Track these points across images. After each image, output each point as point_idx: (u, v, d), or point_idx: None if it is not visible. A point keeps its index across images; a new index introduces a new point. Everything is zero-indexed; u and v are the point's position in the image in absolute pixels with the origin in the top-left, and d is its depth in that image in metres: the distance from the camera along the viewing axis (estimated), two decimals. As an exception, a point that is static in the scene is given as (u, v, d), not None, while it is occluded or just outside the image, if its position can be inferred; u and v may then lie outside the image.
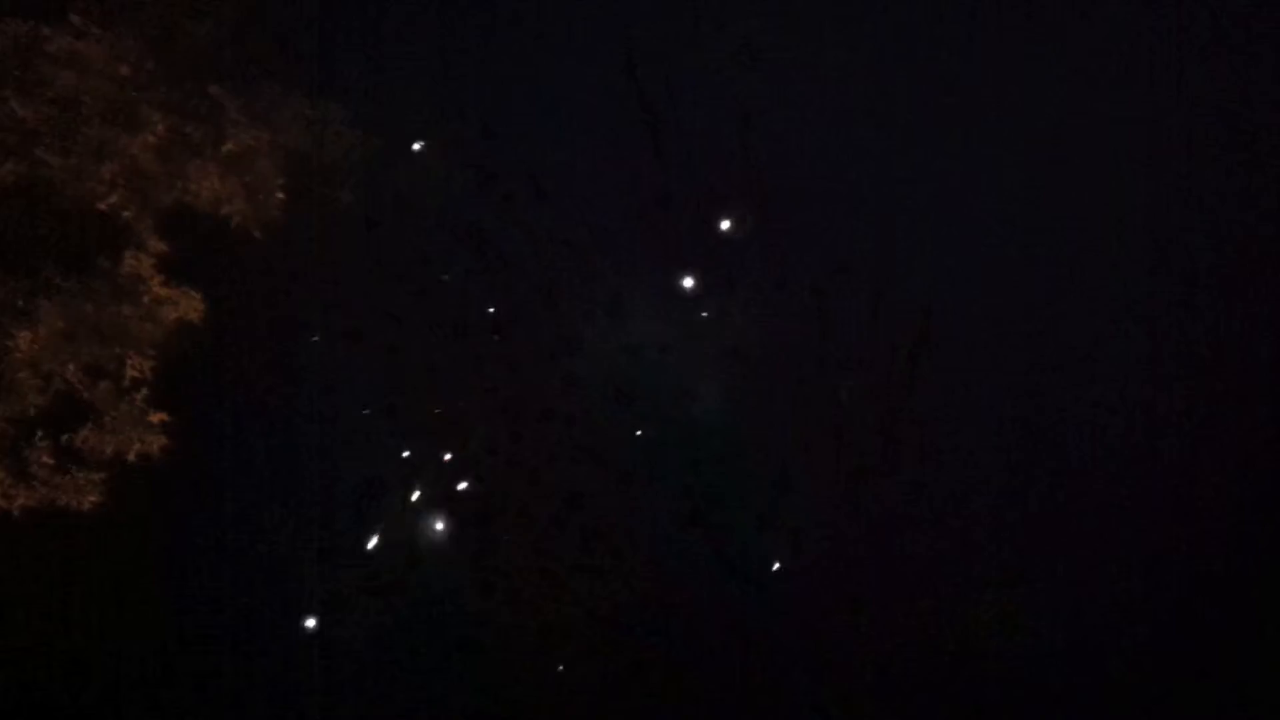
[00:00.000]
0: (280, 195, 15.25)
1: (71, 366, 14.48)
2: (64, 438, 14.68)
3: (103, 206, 14.51)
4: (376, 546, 18.16)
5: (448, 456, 18.37)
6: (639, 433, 18.52)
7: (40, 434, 14.46)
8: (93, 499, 14.74)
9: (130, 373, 14.74)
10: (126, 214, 14.60)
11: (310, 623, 17.55)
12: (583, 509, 18.46)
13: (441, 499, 18.33)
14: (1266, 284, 18.80)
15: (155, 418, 14.86)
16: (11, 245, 14.44)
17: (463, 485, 18.32)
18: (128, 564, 16.93)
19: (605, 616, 18.28)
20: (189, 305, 14.88)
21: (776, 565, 18.45)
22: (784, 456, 18.69)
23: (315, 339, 17.73)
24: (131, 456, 14.85)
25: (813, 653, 18.33)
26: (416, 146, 17.12)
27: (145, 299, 14.65)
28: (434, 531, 18.28)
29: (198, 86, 14.91)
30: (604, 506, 18.47)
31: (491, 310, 18.00)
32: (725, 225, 18.65)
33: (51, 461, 14.58)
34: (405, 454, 18.26)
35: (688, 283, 18.61)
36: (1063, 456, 18.69)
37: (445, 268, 18.33)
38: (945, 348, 18.73)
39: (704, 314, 18.57)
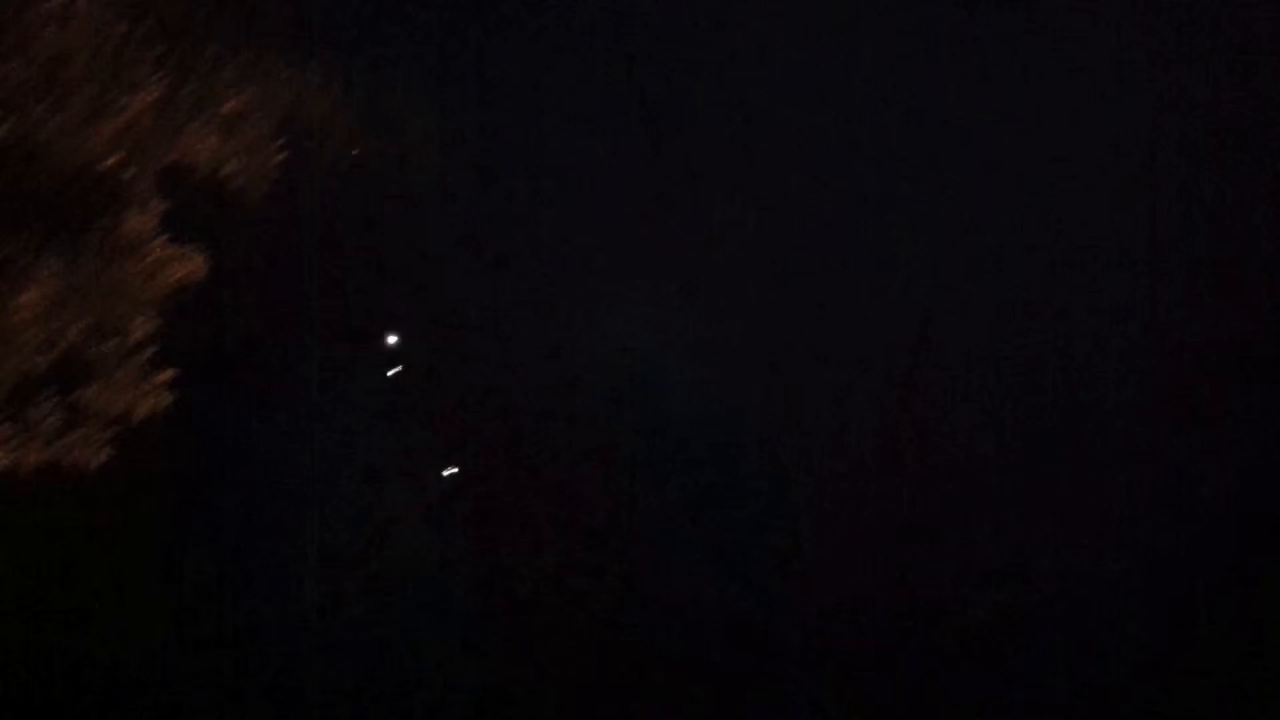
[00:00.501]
0: (279, 155, 15.22)
1: (75, 326, 14.46)
2: (70, 396, 14.66)
3: (102, 166, 14.48)
4: (376, 547, 18.18)
5: (447, 456, 18.40)
6: (639, 433, 18.52)
7: (45, 393, 14.45)
8: (99, 457, 14.71)
9: (134, 332, 14.72)
10: (126, 174, 14.56)
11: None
12: (583, 509, 18.46)
13: (442, 499, 18.34)
14: (1267, 284, 18.80)
15: (160, 377, 14.84)
16: (10, 205, 14.39)
17: (462, 484, 18.34)
18: (134, 528, 16.98)
19: (605, 616, 18.27)
20: (191, 265, 14.84)
21: (777, 565, 18.46)
22: (784, 456, 18.69)
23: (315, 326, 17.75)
24: (137, 415, 14.83)
25: (813, 653, 18.32)
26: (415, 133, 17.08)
27: (147, 259, 14.61)
28: (434, 531, 18.29)
29: (195, 45, 14.87)
30: (604, 506, 18.47)
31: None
32: (725, 225, 18.66)
33: (57, 420, 14.56)
34: (405, 454, 18.28)
35: (687, 283, 18.61)
36: (1063, 456, 18.68)
37: (445, 267, 18.35)
38: (945, 348, 18.74)
39: (703, 314, 18.56)
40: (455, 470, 18.03)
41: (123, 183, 14.63)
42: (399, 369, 18.13)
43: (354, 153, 16.81)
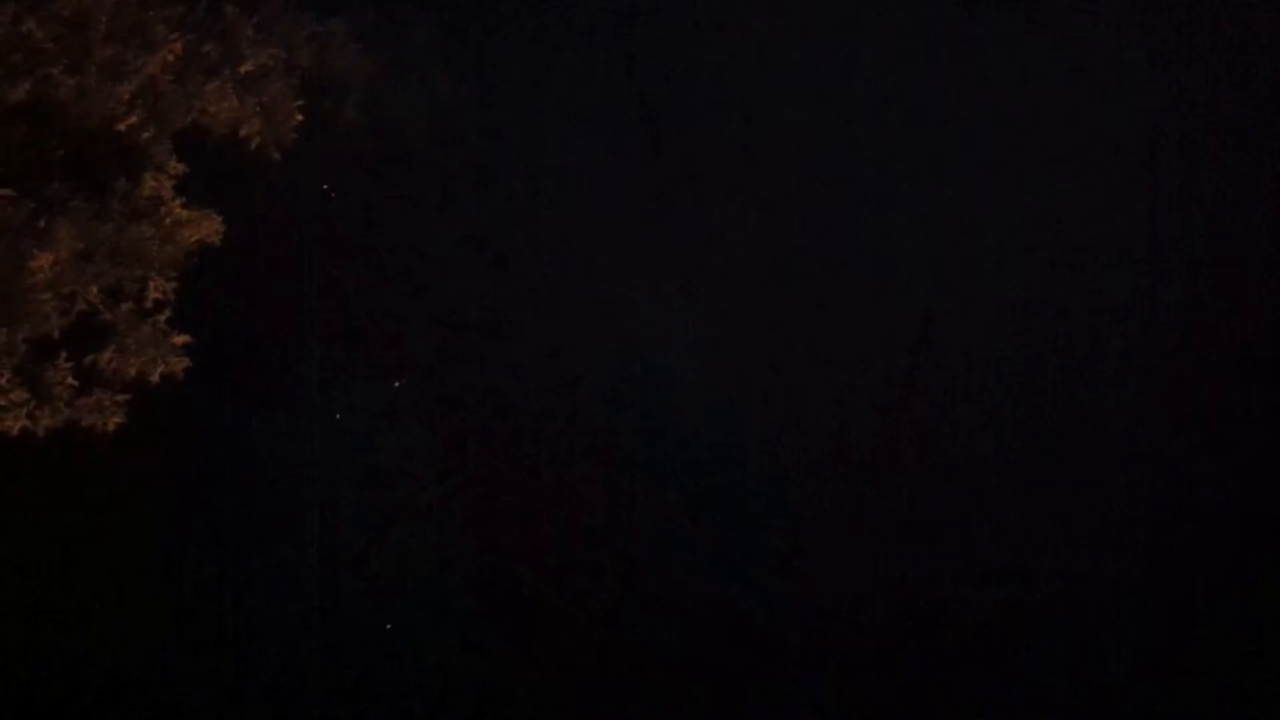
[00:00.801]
0: (297, 116, 15.16)
1: (91, 288, 14.40)
2: (87, 359, 14.61)
3: (120, 127, 14.42)
4: (376, 547, 18.18)
5: (447, 456, 18.39)
6: (639, 433, 18.52)
7: (62, 356, 14.41)
8: (116, 420, 14.66)
9: (152, 294, 14.69)
10: (144, 135, 14.50)
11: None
12: (583, 509, 18.46)
13: (442, 499, 18.34)
14: (1267, 284, 18.81)
15: (177, 339, 14.80)
16: (28, 167, 14.33)
17: (462, 484, 18.35)
18: (135, 528, 16.99)
19: (605, 616, 18.27)
20: (209, 227, 14.78)
21: (777, 565, 18.46)
22: (784, 456, 18.69)
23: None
24: (155, 378, 14.79)
25: (813, 653, 18.32)
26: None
27: (165, 220, 14.55)
28: (434, 531, 18.29)
29: (212, 5, 14.83)
30: (604, 506, 18.47)
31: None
32: (725, 225, 18.66)
33: (74, 383, 14.51)
34: (405, 454, 18.28)
35: (687, 283, 18.61)
36: (1063, 456, 18.68)
37: (445, 267, 18.36)
38: (945, 348, 18.74)
39: (703, 313, 18.56)
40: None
41: (140, 144, 14.57)
42: (401, 376, 18.15)
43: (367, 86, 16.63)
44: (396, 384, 18.27)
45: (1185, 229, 18.86)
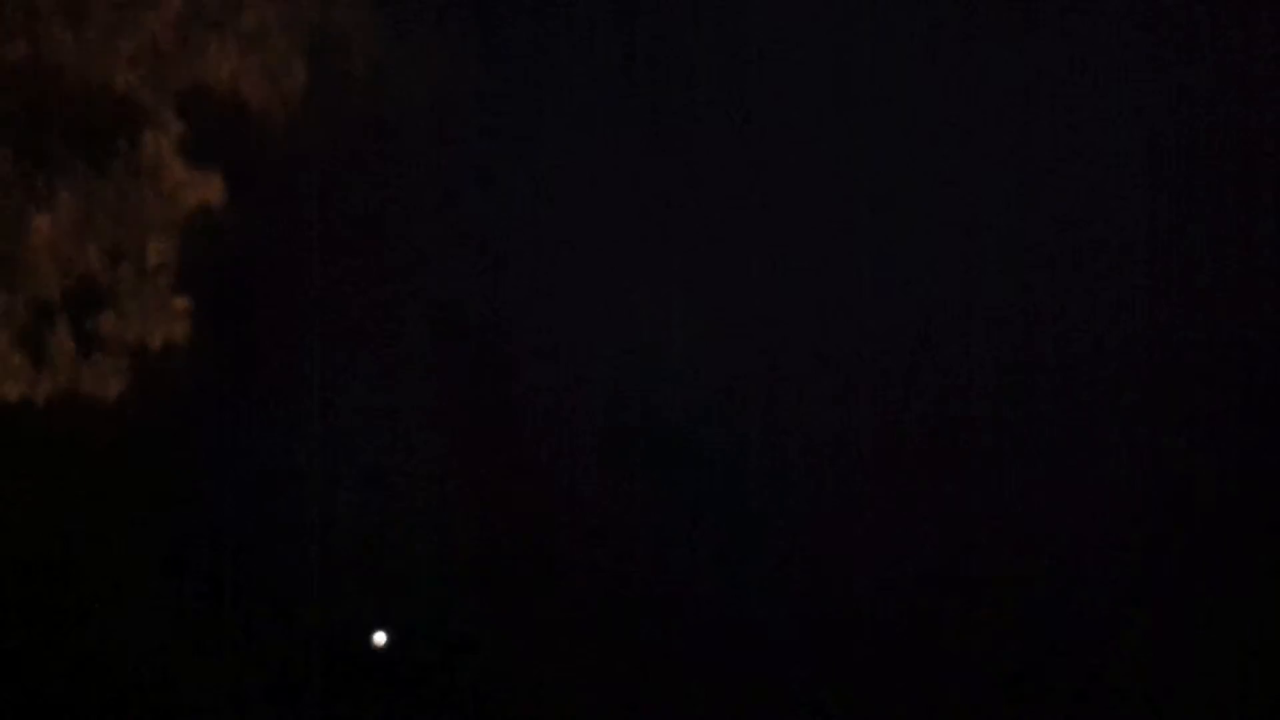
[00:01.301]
0: (301, 75, 15.09)
1: (91, 251, 14.34)
2: (86, 324, 14.56)
3: (120, 87, 14.36)
4: (376, 547, 18.19)
5: (447, 456, 18.41)
6: (638, 432, 18.53)
7: (61, 320, 14.36)
8: (116, 387, 14.60)
9: (152, 257, 14.63)
10: (144, 94, 14.45)
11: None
12: (583, 509, 18.46)
13: (442, 498, 18.35)
14: (1267, 284, 18.81)
15: (178, 304, 14.74)
16: (27, 128, 14.30)
17: (462, 484, 18.35)
18: (135, 525, 16.98)
19: (605, 616, 18.27)
20: (209, 188, 14.72)
21: (777, 564, 18.47)
22: (784, 456, 18.69)
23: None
24: (155, 344, 14.74)
25: (813, 653, 18.32)
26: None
27: (166, 182, 14.49)
28: (434, 531, 18.30)
29: None
30: (604, 506, 18.47)
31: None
32: (725, 225, 18.68)
33: (73, 348, 14.45)
34: (405, 453, 18.30)
35: (687, 282, 18.62)
36: (1063, 456, 18.69)
37: (445, 267, 18.38)
38: (945, 348, 18.74)
39: (703, 313, 18.57)
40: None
41: (141, 104, 14.54)
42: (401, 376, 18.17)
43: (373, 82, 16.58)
44: (397, 383, 18.29)
45: (1185, 229, 18.87)
